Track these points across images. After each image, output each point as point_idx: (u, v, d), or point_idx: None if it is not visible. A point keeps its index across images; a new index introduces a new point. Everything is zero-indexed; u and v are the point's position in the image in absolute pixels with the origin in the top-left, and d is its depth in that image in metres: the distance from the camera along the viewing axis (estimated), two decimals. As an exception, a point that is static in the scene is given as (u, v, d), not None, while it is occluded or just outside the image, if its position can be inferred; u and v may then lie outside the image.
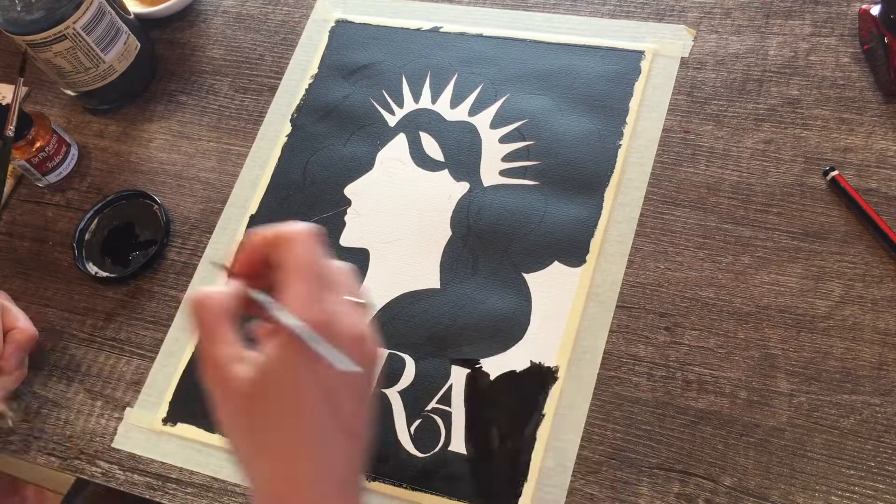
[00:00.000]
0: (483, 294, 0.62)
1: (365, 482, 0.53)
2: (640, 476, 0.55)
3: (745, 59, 0.67)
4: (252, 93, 0.77)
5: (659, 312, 0.59)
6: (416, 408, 0.60)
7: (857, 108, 0.63)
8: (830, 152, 0.62)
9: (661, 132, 0.66)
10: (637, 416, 0.57)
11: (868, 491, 0.52)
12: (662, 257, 0.61)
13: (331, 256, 0.45)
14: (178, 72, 0.80)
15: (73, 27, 0.70)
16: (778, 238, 0.60)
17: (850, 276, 0.58)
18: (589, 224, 0.63)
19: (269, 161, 0.72)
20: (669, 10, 0.70)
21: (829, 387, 0.55)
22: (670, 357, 0.58)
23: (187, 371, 0.65)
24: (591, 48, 0.70)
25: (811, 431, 0.54)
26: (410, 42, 0.75)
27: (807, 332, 0.57)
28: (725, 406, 0.56)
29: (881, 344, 0.55)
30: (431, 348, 0.61)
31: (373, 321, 0.63)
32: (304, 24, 0.79)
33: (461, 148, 0.68)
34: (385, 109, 0.72)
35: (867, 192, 0.60)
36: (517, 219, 0.64)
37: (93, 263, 0.72)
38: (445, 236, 0.65)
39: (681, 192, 0.63)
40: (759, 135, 0.64)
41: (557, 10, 0.73)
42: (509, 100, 0.70)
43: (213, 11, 0.82)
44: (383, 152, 0.70)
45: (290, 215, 0.69)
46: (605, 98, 0.68)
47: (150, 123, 0.78)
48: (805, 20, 0.68)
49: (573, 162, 0.66)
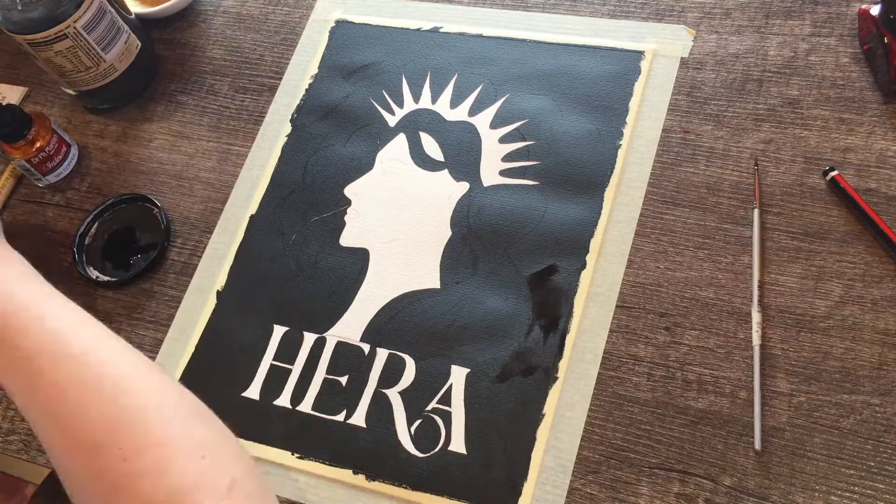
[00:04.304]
0: (483, 294, 0.62)
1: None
2: (639, 476, 0.55)
3: (744, 60, 0.67)
4: (252, 93, 0.77)
5: (659, 312, 0.60)
6: (416, 408, 0.60)
7: (857, 108, 0.63)
8: (830, 152, 0.62)
9: (660, 132, 0.66)
10: (637, 416, 0.57)
11: (868, 491, 0.52)
12: (662, 257, 0.61)
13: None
14: (178, 72, 0.80)
15: (73, 26, 0.70)
16: (778, 238, 0.60)
17: (849, 276, 0.58)
18: (589, 224, 0.63)
19: (269, 161, 0.72)
20: (669, 10, 0.70)
21: (829, 387, 0.55)
22: (670, 357, 0.58)
23: (188, 371, 0.65)
24: (591, 48, 0.70)
25: (811, 431, 0.54)
26: (410, 42, 0.75)
27: (807, 332, 0.57)
28: (725, 406, 0.56)
29: (881, 344, 0.55)
30: (431, 348, 0.61)
31: (373, 321, 0.63)
32: (304, 24, 0.79)
33: (461, 148, 0.68)
34: (385, 109, 0.72)
35: (867, 192, 0.60)
36: (517, 219, 0.64)
37: (93, 267, 0.71)
38: (445, 236, 0.65)
39: (681, 192, 0.63)
40: (759, 135, 0.64)
41: (557, 10, 0.73)
42: (509, 100, 0.70)
43: (213, 11, 0.82)
44: (383, 152, 0.70)
45: (290, 215, 0.69)
46: (605, 98, 0.68)
47: (150, 123, 0.78)
48: (805, 20, 0.68)
49: (573, 162, 0.66)
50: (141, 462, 0.44)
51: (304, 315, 0.65)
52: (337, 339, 0.64)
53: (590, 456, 0.56)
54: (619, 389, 0.58)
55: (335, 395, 0.62)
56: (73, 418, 0.46)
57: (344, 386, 0.62)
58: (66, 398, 0.47)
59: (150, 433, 0.46)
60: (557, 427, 0.57)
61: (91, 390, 0.47)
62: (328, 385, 0.62)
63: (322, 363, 0.63)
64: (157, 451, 0.45)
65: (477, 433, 0.58)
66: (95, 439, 0.46)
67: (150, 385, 0.49)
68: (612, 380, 0.58)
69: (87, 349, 0.49)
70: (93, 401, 0.46)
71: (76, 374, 0.47)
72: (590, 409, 0.57)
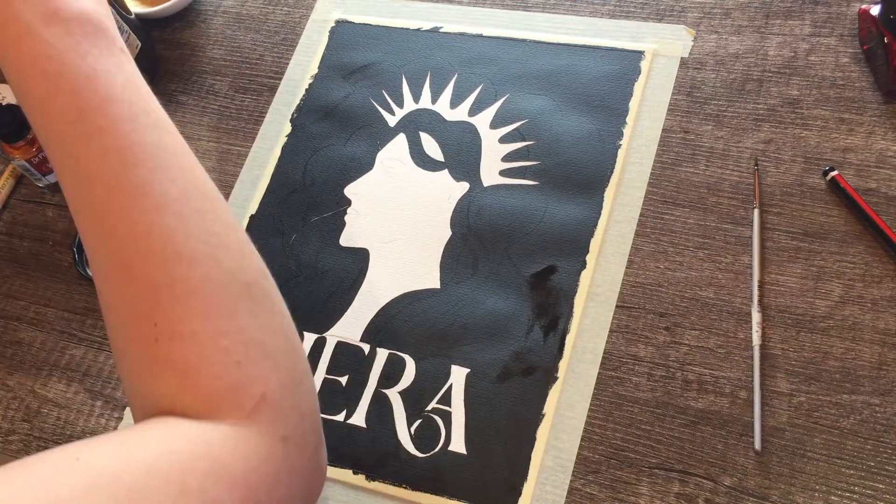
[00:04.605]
0: (483, 294, 0.62)
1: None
2: (639, 476, 0.55)
3: (744, 60, 0.67)
4: (252, 93, 0.77)
5: (659, 312, 0.59)
6: (416, 408, 0.60)
7: (857, 108, 0.63)
8: (830, 152, 0.62)
9: (660, 132, 0.66)
10: (637, 416, 0.57)
11: (868, 491, 0.52)
12: (662, 257, 0.61)
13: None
14: (178, 72, 0.80)
15: (73, 27, 0.70)
16: (778, 238, 0.60)
17: (849, 276, 0.58)
18: (589, 224, 0.63)
19: (269, 161, 0.72)
20: (669, 10, 0.70)
21: (829, 387, 0.55)
22: (670, 357, 0.58)
23: (187, 371, 0.65)
24: (591, 48, 0.70)
25: (811, 431, 0.54)
26: (410, 42, 0.75)
27: (807, 332, 0.57)
28: (725, 406, 0.56)
29: (881, 344, 0.55)
30: (431, 348, 0.61)
31: (373, 322, 0.63)
32: (304, 24, 0.79)
33: (461, 148, 0.68)
34: (385, 109, 0.72)
35: (867, 192, 0.60)
36: (517, 219, 0.64)
37: (93, 263, 0.71)
38: (445, 236, 0.65)
39: (681, 192, 0.63)
40: (759, 135, 0.64)
41: (557, 10, 0.73)
42: (509, 100, 0.70)
43: (213, 11, 0.82)
44: (383, 152, 0.70)
45: (290, 215, 0.69)
46: (605, 98, 0.68)
47: (150, 123, 0.78)
48: (805, 20, 0.68)
49: (573, 162, 0.66)
50: (171, 352, 0.40)
51: (303, 315, 0.65)
52: (337, 339, 0.64)
53: (590, 456, 0.56)
54: (619, 389, 0.58)
55: (335, 395, 0.62)
56: (121, 252, 0.41)
57: (344, 386, 0.62)
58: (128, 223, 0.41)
59: (188, 319, 0.40)
60: (557, 427, 0.57)
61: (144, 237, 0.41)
62: (328, 385, 0.62)
63: (322, 363, 0.63)
64: (188, 348, 0.40)
65: (477, 433, 0.58)
66: (137, 300, 0.41)
67: (208, 246, 0.42)
68: (612, 380, 0.58)
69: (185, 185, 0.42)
70: (143, 247, 0.40)
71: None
72: (590, 409, 0.57)
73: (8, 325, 0.71)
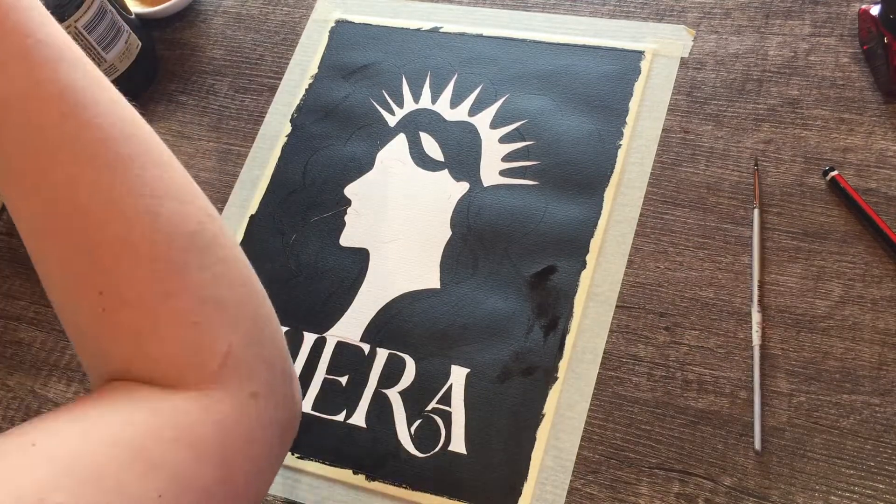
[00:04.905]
0: (483, 294, 0.62)
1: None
2: (639, 476, 0.55)
3: (744, 60, 0.67)
4: (252, 93, 0.77)
5: (659, 312, 0.59)
6: (416, 408, 0.60)
7: (857, 108, 0.63)
8: (830, 152, 0.62)
9: (660, 132, 0.66)
10: (637, 416, 0.57)
11: (868, 491, 0.52)
12: (662, 257, 0.61)
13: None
14: (178, 72, 0.80)
15: (74, 26, 0.70)
16: (778, 238, 0.60)
17: (849, 276, 0.58)
18: (589, 224, 0.63)
19: (269, 161, 0.72)
20: (669, 10, 0.70)
21: (829, 387, 0.55)
22: (670, 357, 0.58)
23: (187, 371, 0.65)
24: (591, 48, 0.70)
25: (811, 431, 0.54)
26: (410, 42, 0.75)
27: (807, 332, 0.57)
28: (725, 406, 0.56)
29: (881, 344, 0.55)
30: (431, 348, 0.61)
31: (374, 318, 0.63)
32: (304, 24, 0.79)
33: (461, 148, 0.68)
34: (385, 109, 0.72)
35: (867, 192, 0.60)
36: (517, 219, 0.64)
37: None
38: (445, 236, 0.65)
39: (681, 192, 0.63)
40: (759, 135, 0.64)
41: (557, 10, 0.73)
42: (509, 100, 0.70)
43: (213, 11, 0.82)
44: (383, 152, 0.70)
45: (290, 215, 0.69)
46: (605, 98, 0.68)
47: (151, 123, 0.77)
48: (805, 20, 0.68)
49: (573, 162, 0.66)
50: (120, 323, 0.37)
51: (303, 315, 0.65)
52: (337, 339, 0.64)
53: (590, 456, 0.56)
54: (619, 389, 0.58)
55: (335, 395, 0.62)
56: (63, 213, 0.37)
57: (344, 386, 0.62)
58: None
59: (134, 284, 0.37)
60: (557, 427, 0.57)
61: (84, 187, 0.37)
62: (328, 385, 0.62)
63: (322, 363, 0.63)
64: (138, 316, 0.37)
65: (477, 433, 0.58)
66: (76, 267, 0.37)
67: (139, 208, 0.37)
68: (612, 380, 0.58)
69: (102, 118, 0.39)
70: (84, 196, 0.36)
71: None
72: (590, 409, 0.57)
73: (8, 325, 0.71)
